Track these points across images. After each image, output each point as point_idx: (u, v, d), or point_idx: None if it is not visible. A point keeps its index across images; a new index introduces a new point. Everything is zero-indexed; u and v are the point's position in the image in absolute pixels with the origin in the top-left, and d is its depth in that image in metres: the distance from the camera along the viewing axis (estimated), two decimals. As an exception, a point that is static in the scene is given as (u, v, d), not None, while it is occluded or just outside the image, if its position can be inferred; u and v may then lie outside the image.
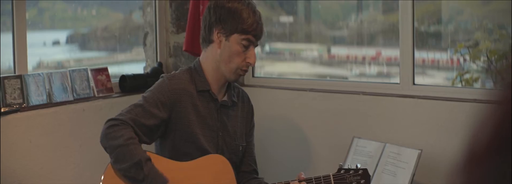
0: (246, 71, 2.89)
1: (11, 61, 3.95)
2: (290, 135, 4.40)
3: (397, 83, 4.03)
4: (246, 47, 2.81)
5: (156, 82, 2.86)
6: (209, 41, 2.85)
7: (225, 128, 2.92)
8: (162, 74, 2.92)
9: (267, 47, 5.14)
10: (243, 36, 2.78)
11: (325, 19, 4.99)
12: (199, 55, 4.16)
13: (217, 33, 2.81)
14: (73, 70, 4.14)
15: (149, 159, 2.61)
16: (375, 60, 4.61)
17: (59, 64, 4.74)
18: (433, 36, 4.23)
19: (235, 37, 2.79)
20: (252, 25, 2.78)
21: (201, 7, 4.16)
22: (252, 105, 3.15)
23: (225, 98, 2.94)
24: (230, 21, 2.78)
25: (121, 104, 4.05)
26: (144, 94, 2.81)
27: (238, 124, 3.00)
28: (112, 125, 2.66)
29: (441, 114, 3.73)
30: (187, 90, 2.81)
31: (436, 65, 4.28)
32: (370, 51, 4.65)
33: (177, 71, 2.93)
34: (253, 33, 2.79)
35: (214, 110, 2.89)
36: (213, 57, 2.85)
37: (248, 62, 2.83)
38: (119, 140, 2.60)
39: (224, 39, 2.80)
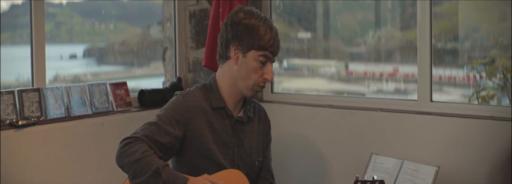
0: (263, 87, 2.90)
1: (29, 74, 3.97)
2: (308, 150, 4.43)
3: (414, 100, 4.06)
4: (263, 63, 2.82)
5: (170, 100, 2.87)
6: (226, 58, 2.87)
7: (241, 144, 2.93)
8: (176, 92, 2.93)
9: (285, 63, 5.16)
10: (260, 53, 2.79)
11: (343, 36, 5.01)
12: (218, 71, 4.20)
13: (234, 49, 2.82)
14: (92, 84, 4.16)
15: (166, 165, 2.61)
16: (392, 77, 4.63)
17: (76, 78, 4.75)
18: (450, 53, 4.24)
19: (252, 53, 2.80)
20: (269, 41, 2.80)
21: (220, 23, 4.22)
22: (269, 119, 3.15)
23: (240, 114, 2.95)
24: (247, 38, 2.80)
25: (140, 118, 4.11)
26: (159, 112, 2.81)
27: (254, 139, 3.01)
28: (126, 143, 2.67)
29: (458, 131, 3.75)
30: (202, 107, 2.82)
31: (452, 82, 4.29)
32: (387, 68, 4.66)
33: (191, 89, 2.94)
34: (270, 49, 2.80)
35: (230, 126, 2.90)
36: (230, 74, 2.86)
37: (265, 78, 2.83)
38: (135, 155, 2.60)
39: (241, 55, 2.82)
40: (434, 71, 4.00)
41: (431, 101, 3.98)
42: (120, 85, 4.37)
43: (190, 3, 4.89)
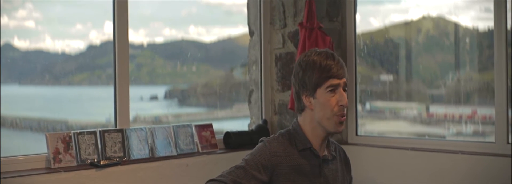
0: (343, 116, 3.05)
1: (112, 115, 4.34)
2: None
3: (492, 142, 4.34)
4: (333, 91, 3.01)
5: (257, 146, 3.12)
6: (302, 109, 3.11)
7: (328, 182, 3.16)
8: (262, 138, 3.16)
9: (367, 106, 5.46)
10: (326, 84, 3.00)
11: (424, 78, 5.30)
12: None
13: (305, 97, 3.06)
14: (177, 126, 4.51)
15: None
16: (471, 119, 4.90)
17: (157, 119, 5.09)
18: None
19: (320, 90, 3.01)
20: (327, 67, 3.01)
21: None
22: (348, 158, 3.40)
23: (325, 152, 3.19)
24: (308, 79, 3.03)
25: (225, 160, 4.52)
26: (245, 157, 3.06)
27: (339, 178, 3.26)
28: None
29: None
30: (288, 152, 3.07)
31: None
32: (466, 110, 4.93)
33: (276, 135, 3.18)
34: (331, 74, 3.01)
35: (317, 166, 3.13)
36: (310, 119, 3.10)
37: (341, 106, 3.01)
38: None
39: (312, 98, 3.03)
40: (510, 113, 4.25)
41: (508, 143, 4.25)
42: (206, 127, 4.72)
43: (276, 46, 5.28)
